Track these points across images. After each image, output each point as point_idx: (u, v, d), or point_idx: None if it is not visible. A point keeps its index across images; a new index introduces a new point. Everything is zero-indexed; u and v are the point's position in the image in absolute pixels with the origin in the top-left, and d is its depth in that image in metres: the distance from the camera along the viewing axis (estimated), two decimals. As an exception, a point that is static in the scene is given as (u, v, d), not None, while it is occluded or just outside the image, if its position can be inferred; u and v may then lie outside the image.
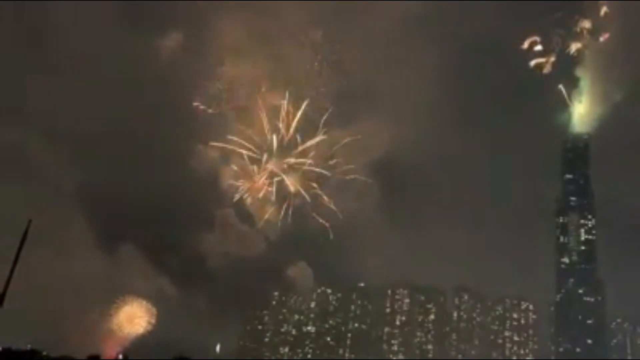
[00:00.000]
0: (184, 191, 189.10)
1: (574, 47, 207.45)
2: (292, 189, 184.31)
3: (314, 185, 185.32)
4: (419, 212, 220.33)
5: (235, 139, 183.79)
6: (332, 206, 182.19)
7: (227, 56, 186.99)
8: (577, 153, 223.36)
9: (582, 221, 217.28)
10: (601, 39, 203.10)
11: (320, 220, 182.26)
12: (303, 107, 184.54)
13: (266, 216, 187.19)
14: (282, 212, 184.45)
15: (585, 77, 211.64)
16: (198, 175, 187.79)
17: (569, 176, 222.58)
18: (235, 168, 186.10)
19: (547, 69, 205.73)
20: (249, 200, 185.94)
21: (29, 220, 56.65)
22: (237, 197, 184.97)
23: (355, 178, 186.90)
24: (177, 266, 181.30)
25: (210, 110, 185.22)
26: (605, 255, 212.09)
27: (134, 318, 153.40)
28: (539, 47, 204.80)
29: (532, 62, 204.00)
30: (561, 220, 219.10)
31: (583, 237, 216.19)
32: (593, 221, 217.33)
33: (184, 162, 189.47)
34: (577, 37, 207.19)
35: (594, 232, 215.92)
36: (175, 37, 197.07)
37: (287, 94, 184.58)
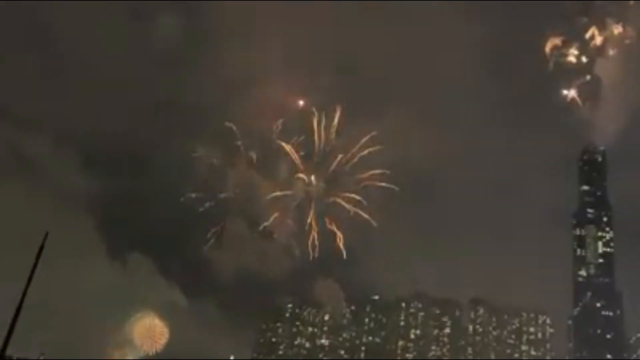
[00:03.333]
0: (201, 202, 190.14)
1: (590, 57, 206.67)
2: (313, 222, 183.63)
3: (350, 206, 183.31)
4: (435, 225, 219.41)
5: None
6: (367, 216, 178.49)
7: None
8: (593, 165, 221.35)
9: (599, 233, 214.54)
10: (611, 52, 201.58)
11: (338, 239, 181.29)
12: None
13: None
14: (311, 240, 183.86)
15: (602, 89, 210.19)
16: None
17: (585, 188, 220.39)
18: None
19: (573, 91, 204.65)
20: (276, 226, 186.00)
21: (46, 233, 57.32)
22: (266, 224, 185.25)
23: (382, 186, 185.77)
24: (190, 278, 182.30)
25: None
26: (623, 268, 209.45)
27: (151, 334, 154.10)
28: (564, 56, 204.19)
29: (568, 93, 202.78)
30: (578, 233, 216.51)
31: (601, 249, 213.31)
32: (611, 233, 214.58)
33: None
34: (592, 49, 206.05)
35: (611, 244, 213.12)
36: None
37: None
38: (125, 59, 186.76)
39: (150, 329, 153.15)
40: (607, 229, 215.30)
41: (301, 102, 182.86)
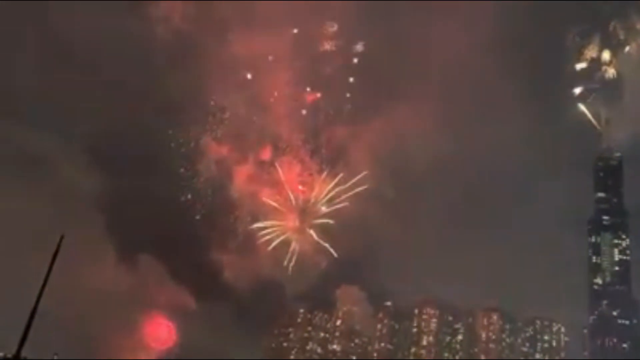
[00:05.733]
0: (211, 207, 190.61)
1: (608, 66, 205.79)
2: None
3: None
4: (447, 230, 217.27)
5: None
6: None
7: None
8: (609, 171, 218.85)
9: (615, 241, 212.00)
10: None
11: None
12: None
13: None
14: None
15: (619, 94, 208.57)
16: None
17: (601, 195, 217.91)
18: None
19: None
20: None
21: (61, 236, 57.27)
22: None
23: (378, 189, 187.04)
24: (201, 281, 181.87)
25: None
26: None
27: (161, 335, 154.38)
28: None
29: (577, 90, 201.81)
30: (594, 240, 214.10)
31: (617, 257, 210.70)
32: (627, 241, 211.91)
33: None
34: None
35: (628, 252, 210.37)
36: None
37: None
38: (128, 52, 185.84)
39: (159, 330, 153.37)
40: (624, 236, 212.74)
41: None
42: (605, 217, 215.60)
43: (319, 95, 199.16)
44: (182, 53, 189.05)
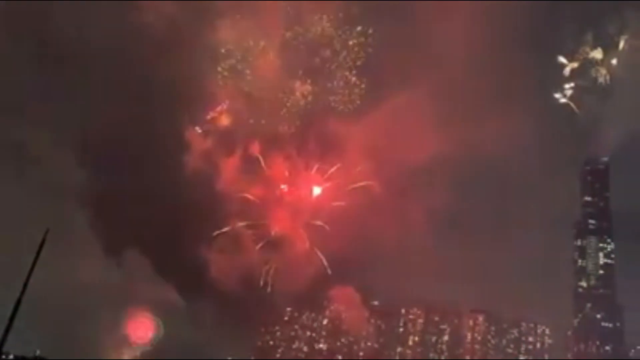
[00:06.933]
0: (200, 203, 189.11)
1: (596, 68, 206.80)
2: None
3: None
4: (434, 231, 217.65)
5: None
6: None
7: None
8: (596, 175, 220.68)
9: (601, 244, 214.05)
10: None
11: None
12: None
13: None
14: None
15: (605, 101, 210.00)
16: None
17: (588, 199, 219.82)
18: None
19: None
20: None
21: (47, 229, 57.19)
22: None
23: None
24: (187, 278, 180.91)
25: None
26: (624, 280, 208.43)
27: (143, 329, 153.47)
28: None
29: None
30: (579, 244, 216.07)
31: (602, 261, 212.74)
32: (612, 245, 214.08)
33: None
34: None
35: (612, 256, 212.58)
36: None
37: None
38: (120, 44, 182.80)
39: (141, 325, 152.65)
40: (609, 240, 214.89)
41: None
42: (591, 221, 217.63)
43: (309, 85, 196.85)
44: (169, 41, 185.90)
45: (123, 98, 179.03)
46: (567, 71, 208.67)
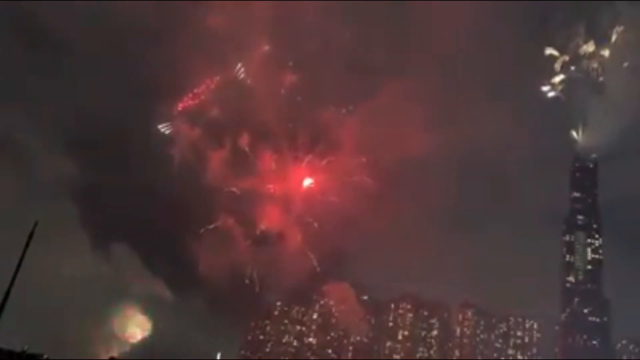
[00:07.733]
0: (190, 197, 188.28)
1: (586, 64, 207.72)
2: None
3: None
4: (425, 227, 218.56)
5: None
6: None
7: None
8: (585, 172, 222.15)
9: (588, 240, 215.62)
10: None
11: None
12: None
13: None
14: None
15: (595, 96, 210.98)
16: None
17: (576, 195, 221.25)
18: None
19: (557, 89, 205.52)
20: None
21: (36, 221, 56.76)
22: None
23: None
24: (176, 272, 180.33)
25: None
26: (611, 275, 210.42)
27: (133, 324, 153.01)
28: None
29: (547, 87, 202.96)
30: (568, 239, 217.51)
31: (590, 256, 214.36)
32: (600, 240, 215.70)
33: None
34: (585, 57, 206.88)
35: (600, 251, 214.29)
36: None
37: None
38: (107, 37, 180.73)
39: (131, 320, 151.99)
40: (597, 235, 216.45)
41: None
42: (579, 217, 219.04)
43: (298, 77, 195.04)
44: (158, 31, 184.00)
45: (113, 88, 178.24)
46: (558, 64, 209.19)
